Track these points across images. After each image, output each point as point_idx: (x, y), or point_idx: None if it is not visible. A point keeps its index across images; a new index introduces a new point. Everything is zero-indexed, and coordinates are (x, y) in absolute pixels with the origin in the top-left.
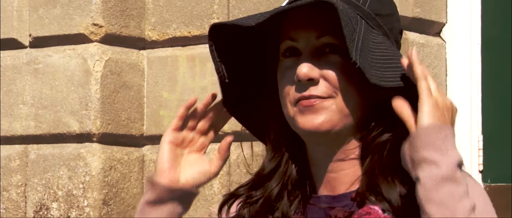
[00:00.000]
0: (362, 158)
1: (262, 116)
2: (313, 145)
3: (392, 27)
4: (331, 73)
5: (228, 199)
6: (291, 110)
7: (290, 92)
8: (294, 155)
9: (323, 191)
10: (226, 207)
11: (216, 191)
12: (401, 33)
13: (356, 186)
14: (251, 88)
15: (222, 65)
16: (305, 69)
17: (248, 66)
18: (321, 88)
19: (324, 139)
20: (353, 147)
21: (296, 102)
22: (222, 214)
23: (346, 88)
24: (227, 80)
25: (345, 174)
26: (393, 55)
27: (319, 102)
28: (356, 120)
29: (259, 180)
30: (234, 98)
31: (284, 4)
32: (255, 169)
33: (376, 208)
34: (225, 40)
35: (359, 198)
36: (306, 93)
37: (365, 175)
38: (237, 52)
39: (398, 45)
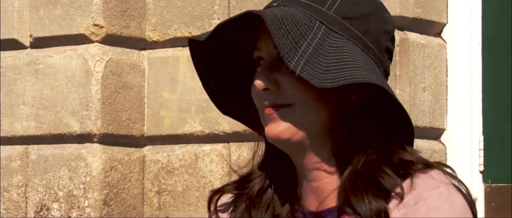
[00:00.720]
0: (337, 165)
1: (252, 120)
2: (294, 156)
3: (368, 29)
4: (286, 82)
5: (215, 193)
6: (262, 120)
7: (257, 103)
8: (281, 161)
9: (308, 200)
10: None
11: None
12: (387, 33)
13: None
14: (240, 97)
15: (209, 82)
16: (259, 78)
17: (233, 73)
18: (278, 97)
19: (290, 147)
20: (326, 156)
21: (263, 112)
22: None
23: (304, 96)
24: (217, 93)
25: (325, 182)
26: (349, 57)
27: (277, 110)
28: (321, 125)
29: (246, 178)
30: (225, 107)
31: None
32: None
33: None
34: (205, 54)
35: (339, 213)
36: (266, 102)
37: (340, 189)
38: (222, 60)
39: (378, 46)
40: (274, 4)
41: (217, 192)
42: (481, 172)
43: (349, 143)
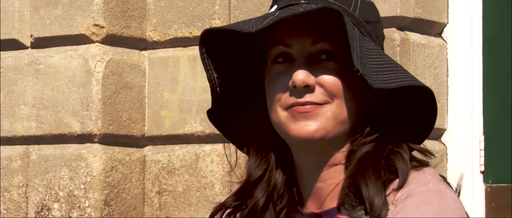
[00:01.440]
0: (346, 165)
1: (245, 125)
2: (301, 154)
3: (378, 34)
4: (327, 80)
5: (218, 209)
6: (282, 116)
7: (282, 98)
8: (279, 163)
9: (309, 201)
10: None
11: (217, 191)
12: (384, 39)
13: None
14: (236, 97)
15: (214, 74)
16: (301, 75)
17: (233, 73)
18: (317, 95)
19: (315, 146)
20: (341, 154)
21: (288, 108)
22: None
23: (343, 95)
24: (218, 89)
25: (330, 183)
26: (389, 60)
27: (315, 109)
28: (350, 126)
29: (246, 188)
30: (220, 109)
31: (274, 8)
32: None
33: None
34: (213, 47)
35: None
36: (301, 99)
37: (344, 188)
38: (222, 59)
39: (383, 50)
40: (302, 1)
41: (220, 207)
42: (481, 172)
43: (362, 143)
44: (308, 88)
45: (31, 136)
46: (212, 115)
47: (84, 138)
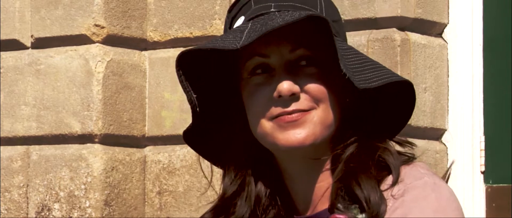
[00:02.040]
0: (332, 168)
1: (220, 141)
2: (289, 161)
3: (342, 31)
4: (311, 86)
5: None
6: (267, 127)
7: (266, 109)
8: (261, 175)
9: (301, 207)
10: None
11: (218, 192)
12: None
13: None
14: (212, 114)
15: (193, 95)
16: (286, 85)
17: (209, 90)
18: (302, 102)
19: (305, 153)
20: (327, 158)
21: (273, 118)
22: None
23: (327, 99)
24: (198, 109)
25: (320, 186)
26: (365, 58)
27: (302, 116)
28: (335, 128)
29: (223, 204)
30: (200, 128)
31: (240, 19)
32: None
33: (342, 217)
34: (189, 67)
35: (331, 213)
36: (288, 109)
37: (332, 189)
38: (198, 77)
39: None
40: (273, 10)
41: None
42: (482, 173)
43: (347, 144)
44: (293, 97)
45: (31, 136)
46: (188, 135)
47: (84, 138)
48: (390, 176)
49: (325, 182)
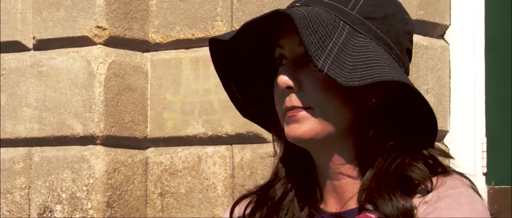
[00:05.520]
0: (360, 165)
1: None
2: (315, 156)
3: (389, 29)
4: (308, 84)
5: (241, 199)
6: (282, 120)
7: (279, 103)
8: (298, 162)
9: (330, 201)
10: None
11: (219, 193)
12: (408, 33)
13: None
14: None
15: (231, 83)
16: (282, 78)
17: (253, 75)
18: (300, 98)
19: (313, 146)
20: (349, 158)
21: (284, 113)
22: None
23: (324, 97)
24: (238, 95)
25: (347, 182)
26: (374, 56)
27: (299, 112)
28: (343, 126)
29: (269, 184)
30: (246, 102)
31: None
32: (259, 171)
33: (373, 216)
34: (223, 53)
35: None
36: (288, 104)
37: (362, 189)
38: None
39: (400, 46)
40: (297, 4)
41: (244, 197)
42: (484, 174)
43: (371, 144)
44: (291, 91)
45: (33, 138)
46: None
47: (86, 140)
48: (425, 184)
49: (350, 178)
